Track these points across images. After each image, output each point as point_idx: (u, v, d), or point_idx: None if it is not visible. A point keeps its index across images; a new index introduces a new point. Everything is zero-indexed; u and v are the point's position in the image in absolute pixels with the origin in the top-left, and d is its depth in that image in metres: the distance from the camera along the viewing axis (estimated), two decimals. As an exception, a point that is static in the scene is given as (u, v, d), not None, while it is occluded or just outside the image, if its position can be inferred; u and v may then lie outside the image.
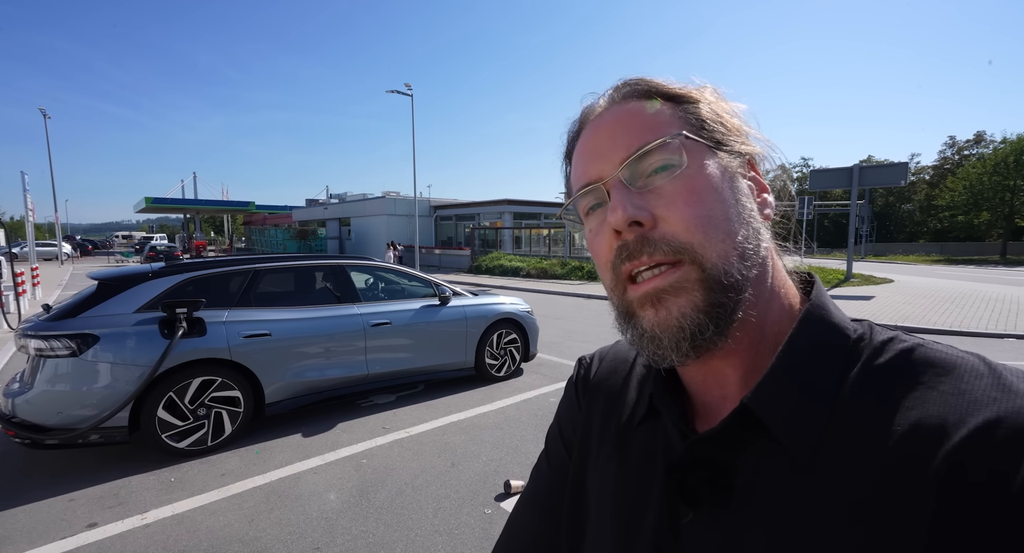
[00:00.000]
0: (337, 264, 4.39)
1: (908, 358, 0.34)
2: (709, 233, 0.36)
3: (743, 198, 0.39)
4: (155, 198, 35.14)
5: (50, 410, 2.95)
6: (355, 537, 2.45)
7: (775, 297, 0.40)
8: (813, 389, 0.35)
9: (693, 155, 0.38)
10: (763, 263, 0.39)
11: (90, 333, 3.06)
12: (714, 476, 0.37)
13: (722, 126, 0.40)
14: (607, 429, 0.49)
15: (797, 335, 0.37)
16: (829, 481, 0.32)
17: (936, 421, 0.30)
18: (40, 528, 2.53)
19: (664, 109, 0.40)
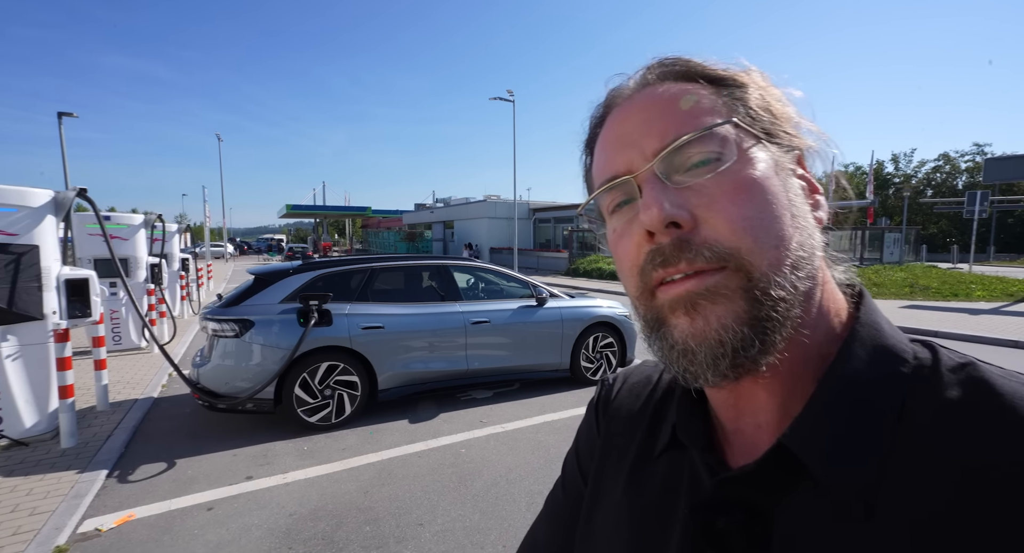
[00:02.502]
0: (441, 264, 4.71)
1: (989, 390, 0.29)
2: (760, 237, 0.31)
3: (796, 199, 0.34)
4: (294, 205, 40.83)
5: (220, 380, 3.62)
6: (453, 519, 2.61)
7: (823, 313, 0.34)
8: (864, 425, 0.30)
9: (739, 148, 0.33)
10: (815, 274, 0.33)
11: (248, 319, 3.68)
12: (748, 521, 0.32)
13: (773, 115, 0.35)
14: (624, 458, 0.44)
15: (844, 359, 0.32)
16: (887, 532, 0.28)
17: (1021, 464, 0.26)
18: (215, 474, 3.12)
19: (706, 93, 0.35)
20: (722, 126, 0.32)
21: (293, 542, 2.42)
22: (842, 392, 0.31)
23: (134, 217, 6.49)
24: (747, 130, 0.33)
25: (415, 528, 2.54)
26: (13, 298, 3.22)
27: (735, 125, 0.33)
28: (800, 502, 0.31)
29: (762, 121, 0.34)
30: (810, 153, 0.37)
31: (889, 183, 45.57)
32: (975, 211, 14.64)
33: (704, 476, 0.36)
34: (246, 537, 2.47)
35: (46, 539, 2.36)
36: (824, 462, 0.30)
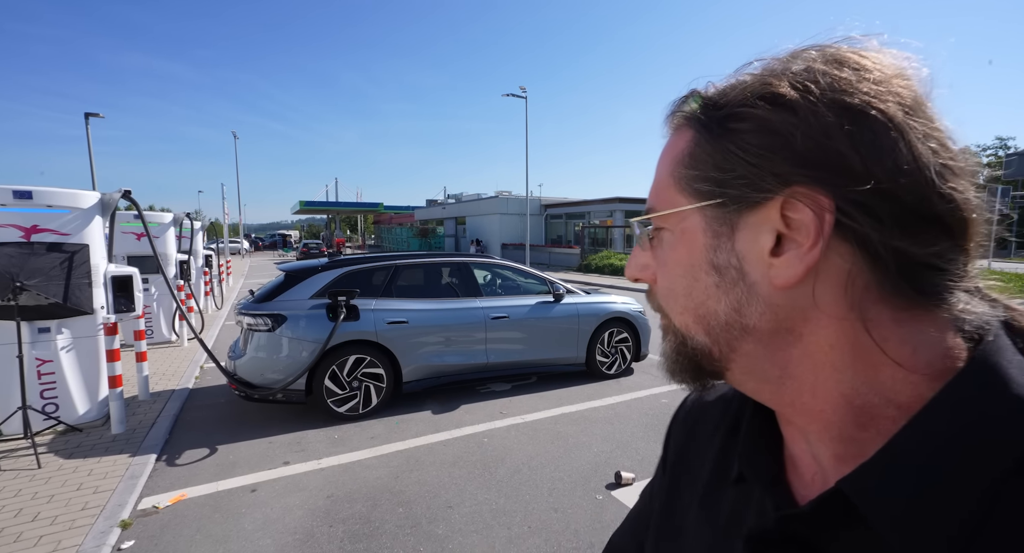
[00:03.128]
0: (462, 261, 4.86)
1: None
2: (669, 303, 0.37)
3: (720, 271, 0.33)
4: (307, 201, 41.41)
5: (256, 372, 3.84)
6: (480, 503, 2.78)
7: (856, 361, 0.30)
8: (956, 488, 0.26)
9: (673, 222, 0.36)
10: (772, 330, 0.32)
11: (281, 313, 3.88)
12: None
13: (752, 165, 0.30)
14: (696, 482, 0.45)
15: (938, 406, 0.28)
16: None
17: None
18: (254, 460, 3.34)
19: (688, 151, 0.34)
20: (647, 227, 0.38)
21: (333, 521, 2.61)
22: (927, 445, 0.27)
23: (164, 215, 6.75)
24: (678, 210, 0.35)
25: (445, 510, 2.71)
26: (67, 294, 3.46)
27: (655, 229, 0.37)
28: (856, 546, 0.29)
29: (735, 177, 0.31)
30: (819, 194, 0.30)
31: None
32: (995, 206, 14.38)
33: (769, 508, 0.35)
34: (289, 516, 2.66)
35: (111, 514, 2.58)
36: (893, 526, 0.27)
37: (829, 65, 0.30)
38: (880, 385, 0.30)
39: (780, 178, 0.30)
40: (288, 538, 2.47)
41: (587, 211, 26.37)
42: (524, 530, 2.52)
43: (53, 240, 3.45)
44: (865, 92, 0.29)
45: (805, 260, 0.30)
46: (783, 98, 0.30)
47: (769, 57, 0.33)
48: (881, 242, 0.28)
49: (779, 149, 0.29)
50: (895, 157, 0.28)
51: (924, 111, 0.29)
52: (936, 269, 0.29)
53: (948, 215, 0.29)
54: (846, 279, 0.30)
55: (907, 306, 0.30)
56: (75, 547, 2.33)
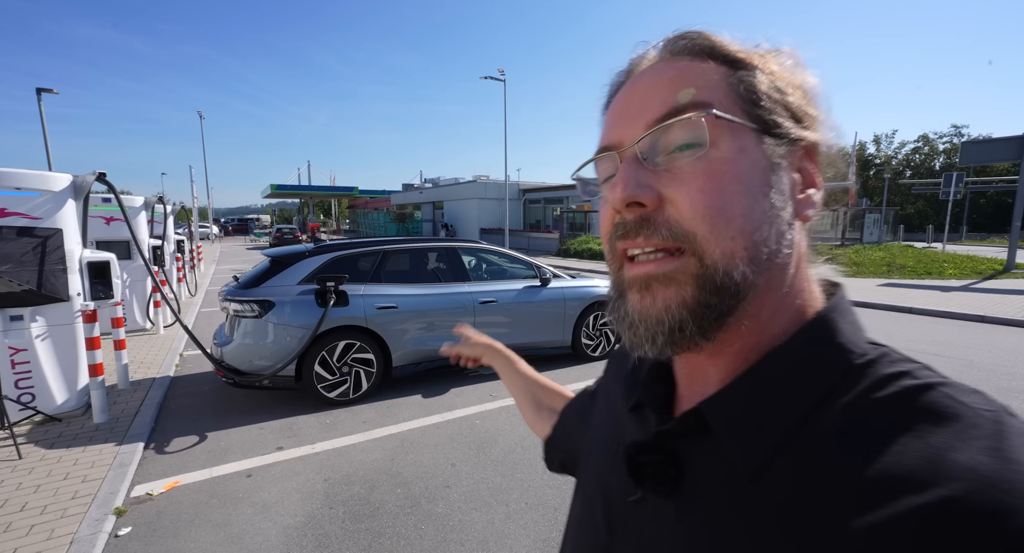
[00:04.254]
0: (450, 246, 4.87)
1: (910, 398, 0.30)
2: (718, 226, 0.32)
3: (776, 194, 0.34)
4: (278, 185, 40.04)
5: (244, 358, 3.79)
6: (477, 481, 2.87)
7: (785, 307, 0.36)
8: (774, 409, 0.33)
9: (727, 136, 0.33)
10: (781, 269, 0.35)
11: (269, 299, 3.83)
12: (664, 462, 0.36)
13: (781, 105, 0.35)
14: (614, 400, 0.50)
15: (784, 349, 0.34)
16: (769, 501, 0.31)
17: (904, 475, 0.27)
18: (247, 446, 3.33)
19: (715, 74, 0.35)
20: (705, 114, 0.33)
21: (333, 503, 2.66)
22: (770, 377, 0.34)
23: (135, 199, 6.46)
24: (732, 120, 0.33)
25: (443, 489, 2.79)
26: (41, 280, 3.31)
27: (716, 117, 0.33)
28: (707, 456, 0.35)
29: (764, 109, 0.34)
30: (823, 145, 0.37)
31: (871, 164, 46.40)
32: (950, 192, 15.20)
33: (652, 427, 0.40)
34: (288, 499, 2.69)
35: (104, 502, 2.55)
36: (727, 432, 0.34)
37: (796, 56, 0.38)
38: (782, 323, 0.36)
39: (808, 128, 0.36)
40: (289, 520, 2.50)
41: (565, 196, 26.45)
42: (522, 506, 2.62)
43: (23, 224, 3.28)
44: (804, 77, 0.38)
45: (820, 196, 0.37)
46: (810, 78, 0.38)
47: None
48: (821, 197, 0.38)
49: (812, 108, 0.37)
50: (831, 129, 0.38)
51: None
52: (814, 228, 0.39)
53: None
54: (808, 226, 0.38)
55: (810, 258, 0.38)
56: (70, 535, 2.30)
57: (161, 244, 6.90)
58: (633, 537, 0.38)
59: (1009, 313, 7.18)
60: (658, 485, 0.36)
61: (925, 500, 0.25)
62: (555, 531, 2.41)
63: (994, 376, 4.55)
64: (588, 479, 0.49)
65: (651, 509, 0.37)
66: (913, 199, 42.84)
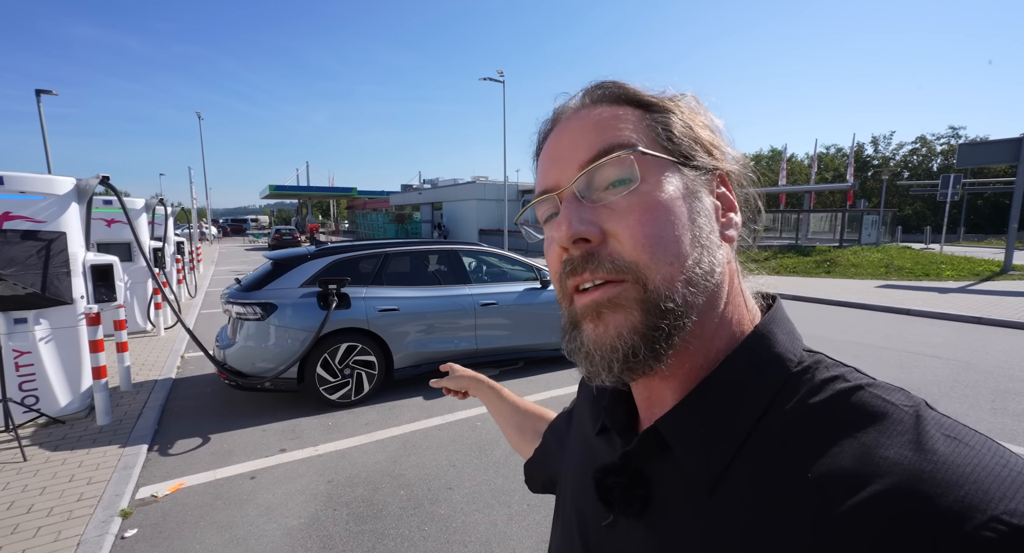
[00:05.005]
0: (451, 249, 4.90)
1: (843, 401, 0.32)
2: (656, 254, 0.35)
3: (701, 219, 0.37)
4: (277, 186, 40.07)
5: (247, 361, 3.81)
6: (479, 483, 2.90)
7: (725, 323, 0.38)
8: (725, 422, 0.35)
9: (652, 170, 0.36)
10: (716, 287, 0.37)
11: (271, 302, 3.85)
12: (631, 484, 0.37)
13: (693, 140, 0.38)
14: (581, 429, 0.52)
15: (727, 364, 0.36)
16: (728, 513, 0.32)
17: (842, 476, 0.29)
18: (249, 448, 3.35)
19: (633, 118, 0.38)
20: (632, 151, 0.36)
21: (336, 505, 2.68)
22: (717, 392, 0.36)
23: (135, 201, 6.48)
24: (656, 156, 0.37)
25: (445, 491, 2.82)
26: (45, 283, 3.34)
27: (642, 153, 0.36)
28: (670, 473, 0.37)
29: (680, 145, 0.38)
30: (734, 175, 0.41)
31: (868, 165, 46.58)
32: (948, 194, 15.27)
33: (618, 449, 0.42)
34: (292, 501, 2.71)
35: (110, 504, 2.57)
36: (683, 448, 0.35)
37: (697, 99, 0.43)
38: (725, 340, 0.38)
39: (719, 159, 0.40)
40: (293, 522, 2.52)
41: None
42: (524, 507, 2.65)
43: (28, 227, 3.31)
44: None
45: (739, 218, 0.41)
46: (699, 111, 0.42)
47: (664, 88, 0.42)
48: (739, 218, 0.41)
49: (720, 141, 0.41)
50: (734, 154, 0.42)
51: None
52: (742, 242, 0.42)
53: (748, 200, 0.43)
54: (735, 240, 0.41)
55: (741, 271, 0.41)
56: (76, 537, 2.32)
57: (162, 246, 6.91)
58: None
59: (1006, 315, 7.23)
60: (627, 507, 0.37)
61: (861, 497, 0.27)
62: (557, 532, 2.44)
63: (991, 378, 4.60)
64: (565, 502, 0.50)
65: (624, 530, 0.39)
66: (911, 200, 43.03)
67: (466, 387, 0.90)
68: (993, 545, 0.24)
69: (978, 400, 4.04)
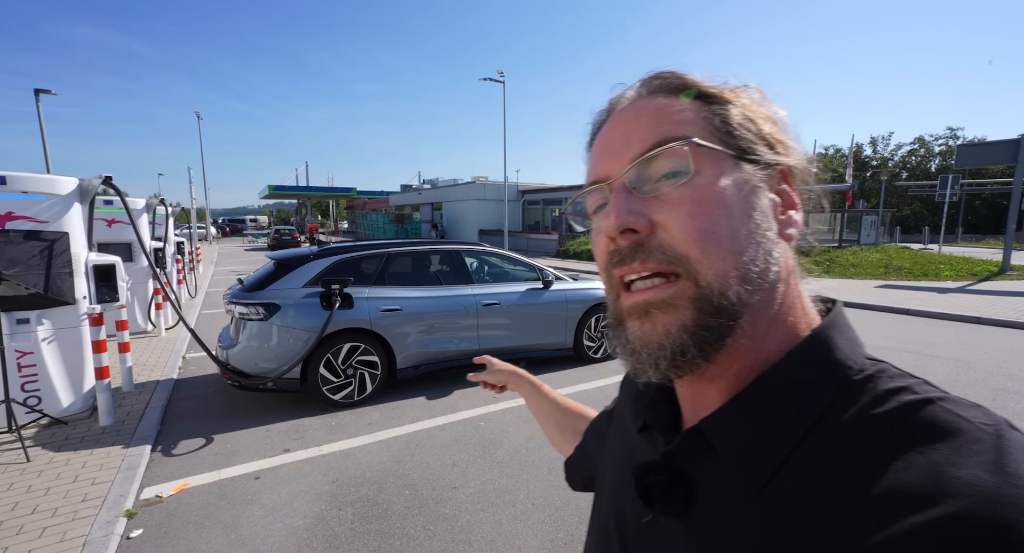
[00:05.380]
0: (453, 249, 4.90)
1: (911, 413, 0.30)
2: (709, 248, 0.34)
3: (758, 215, 0.36)
4: (276, 186, 39.98)
5: (250, 361, 3.81)
6: (484, 483, 2.90)
7: (779, 324, 0.37)
8: (775, 425, 0.33)
9: (707, 163, 0.35)
10: (771, 287, 0.36)
11: (274, 302, 3.85)
12: (672, 483, 0.37)
13: (752, 133, 0.37)
14: (625, 423, 0.51)
15: (780, 366, 0.35)
16: (773, 520, 0.31)
17: (906, 493, 0.27)
18: (253, 448, 3.35)
19: (691, 109, 0.37)
20: (687, 143, 0.35)
21: (341, 504, 2.68)
22: (769, 395, 0.34)
23: (136, 201, 6.47)
24: (712, 148, 0.36)
25: (450, 491, 2.82)
26: (48, 284, 3.33)
27: (697, 145, 0.35)
28: (713, 477, 0.36)
29: (739, 138, 0.36)
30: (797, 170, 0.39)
31: (867, 166, 46.69)
32: (946, 194, 15.32)
33: (660, 447, 0.41)
34: (297, 501, 2.71)
35: (115, 504, 2.57)
36: (728, 449, 0.34)
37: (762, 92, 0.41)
38: (778, 342, 0.36)
39: (781, 154, 0.38)
40: (298, 522, 2.52)
41: (564, 197, 26.52)
42: (529, 506, 2.65)
43: (30, 228, 3.30)
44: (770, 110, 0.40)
45: (800, 216, 0.39)
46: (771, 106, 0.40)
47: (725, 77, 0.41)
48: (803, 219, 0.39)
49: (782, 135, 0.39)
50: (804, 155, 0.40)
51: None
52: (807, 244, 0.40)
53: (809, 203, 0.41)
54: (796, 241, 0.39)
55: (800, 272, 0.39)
56: (82, 537, 2.32)
57: (162, 246, 6.90)
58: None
59: (1005, 314, 7.25)
60: (667, 506, 0.36)
61: (928, 518, 0.25)
62: (562, 531, 2.44)
63: (991, 377, 4.61)
64: (603, 500, 0.50)
65: (663, 530, 0.38)
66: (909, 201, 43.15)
67: (505, 381, 0.90)
68: None
69: (978, 399, 4.06)
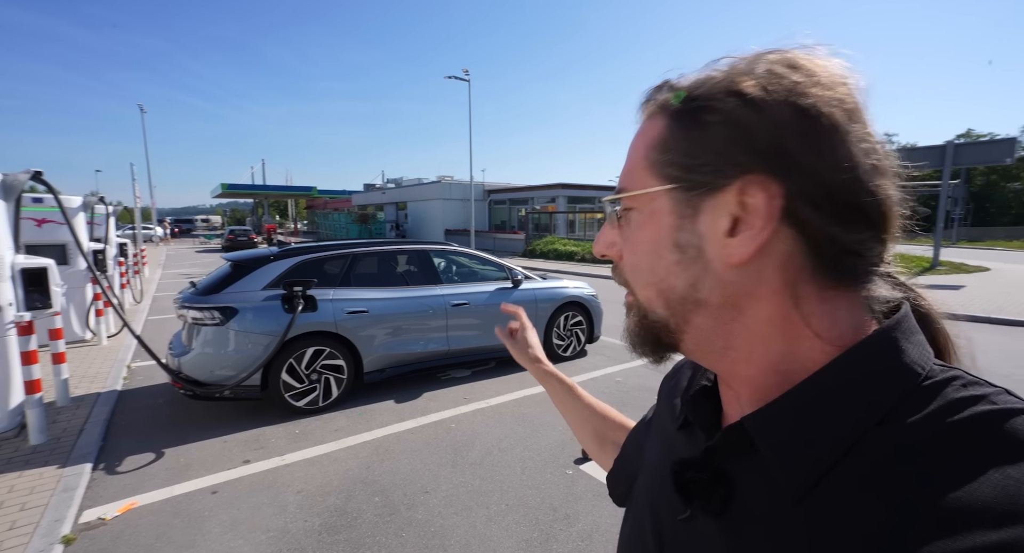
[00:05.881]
0: (421, 249, 4.80)
1: (989, 424, 0.28)
2: (635, 279, 0.41)
3: (689, 247, 0.36)
4: (229, 184, 38.12)
5: (205, 369, 3.58)
6: (456, 486, 2.84)
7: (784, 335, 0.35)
8: (825, 427, 0.32)
9: (646, 202, 0.39)
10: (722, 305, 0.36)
11: (231, 306, 3.64)
12: (712, 480, 0.37)
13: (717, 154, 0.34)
14: (665, 421, 0.52)
15: (834, 366, 0.33)
16: (818, 527, 0.30)
17: (976, 507, 0.25)
18: (210, 460, 3.14)
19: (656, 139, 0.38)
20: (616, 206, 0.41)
21: (308, 515, 2.56)
22: (820, 393, 0.33)
23: (72, 199, 5.97)
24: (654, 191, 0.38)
25: (422, 495, 2.74)
26: (-32, 290, 3.00)
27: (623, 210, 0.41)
28: (754, 475, 0.35)
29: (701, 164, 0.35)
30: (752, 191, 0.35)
31: None
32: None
33: (701, 443, 0.41)
34: (259, 514, 2.57)
35: (48, 531, 2.34)
36: (771, 449, 0.34)
37: (787, 69, 0.33)
38: (800, 354, 0.35)
39: (740, 167, 0.33)
40: (261, 537, 2.38)
41: (530, 196, 26.68)
42: (502, 508, 2.62)
43: (-55, 227, 2.96)
44: (816, 95, 0.32)
45: (756, 240, 0.34)
46: (748, 96, 0.33)
47: (736, 56, 0.36)
48: (818, 228, 0.33)
49: (741, 141, 0.33)
50: (836, 155, 0.32)
51: (861, 116, 0.34)
52: (857, 254, 0.34)
53: (873, 208, 0.33)
54: (786, 259, 0.34)
55: (831, 285, 0.34)
56: (11, 569, 2.10)
57: (103, 247, 6.41)
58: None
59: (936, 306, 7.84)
60: (706, 504, 0.36)
61: (1001, 538, 0.24)
62: (536, 531, 2.43)
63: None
64: (639, 498, 0.50)
65: (700, 527, 0.38)
66: (850, 201, 45.94)
67: (528, 366, 0.86)
68: None
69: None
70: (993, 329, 6.76)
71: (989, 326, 6.95)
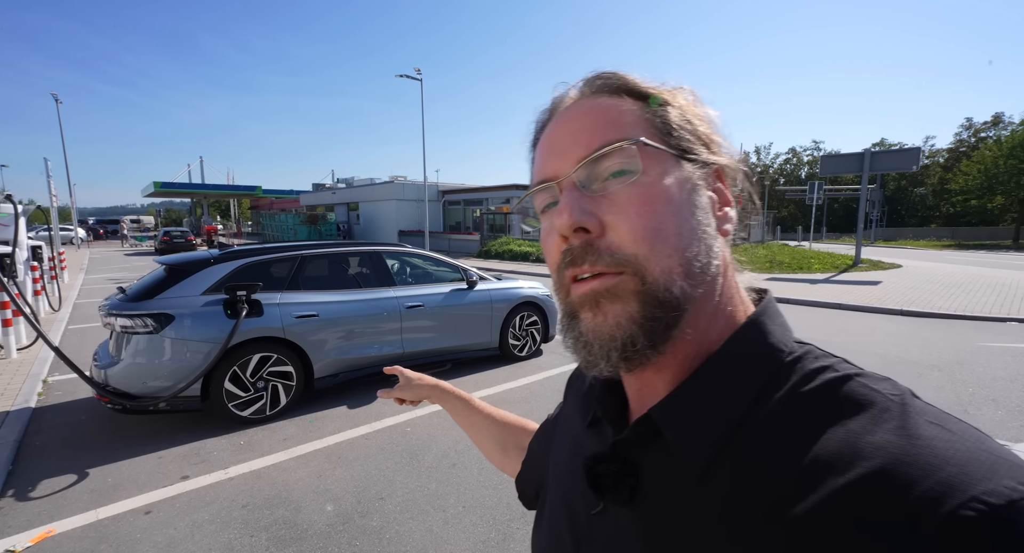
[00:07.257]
0: (373, 250, 4.69)
1: (833, 389, 0.33)
2: (656, 246, 0.35)
3: (700, 212, 0.37)
4: (164, 183, 35.40)
5: (136, 380, 3.32)
6: (412, 490, 2.81)
7: (719, 314, 0.38)
8: (718, 409, 0.35)
9: (652, 162, 0.36)
10: (712, 280, 0.37)
11: (166, 313, 3.40)
12: (621, 472, 0.38)
13: (691, 133, 0.38)
14: (572, 421, 0.52)
15: (721, 353, 0.37)
16: (719, 498, 0.33)
17: (829, 460, 0.30)
18: (143, 479, 2.92)
19: (633, 109, 0.38)
20: (635, 142, 0.36)
21: (254, 530, 2.44)
22: (710, 381, 0.36)
23: (-27, 197, 5.35)
24: (658, 147, 0.37)
25: (376, 502, 2.69)
26: None
27: (644, 144, 0.36)
28: (660, 461, 0.37)
29: (680, 138, 0.38)
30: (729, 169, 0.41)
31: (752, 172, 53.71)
32: (814, 198, 17.88)
33: (609, 438, 0.42)
34: (199, 533, 2.42)
35: (-50, 568, 2.09)
36: (676, 434, 0.36)
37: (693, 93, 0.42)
38: (718, 331, 0.38)
39: (715, 153, 0.40)
40: (202, 556, 2.25)
41: (485, 197, 26.67)
42: (459, 510, 2.62)
43: None
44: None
45: (734, 212, 0.41)
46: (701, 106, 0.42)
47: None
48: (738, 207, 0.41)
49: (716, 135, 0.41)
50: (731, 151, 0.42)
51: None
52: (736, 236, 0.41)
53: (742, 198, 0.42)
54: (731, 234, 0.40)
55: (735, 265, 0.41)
56: (-98, 614, 1.86)
57: (11, 251, 5.79)
58: (598, 548, 0.40)
59: (858, 300, 8.61)
60: (617, 494, 0.38)
61: (847, 479, 0.28)
62: (494, 531, 2.44)
63: (847, 353, 5.42)
64: (553, 499, 0.50)
65: (612, 518, 0.39)
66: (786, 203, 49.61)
67: (426, 397, 0.83)
68: (971, 523, 0.25)
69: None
70: (906, 320, 7.50)
71: (902, 318, 7.70)
